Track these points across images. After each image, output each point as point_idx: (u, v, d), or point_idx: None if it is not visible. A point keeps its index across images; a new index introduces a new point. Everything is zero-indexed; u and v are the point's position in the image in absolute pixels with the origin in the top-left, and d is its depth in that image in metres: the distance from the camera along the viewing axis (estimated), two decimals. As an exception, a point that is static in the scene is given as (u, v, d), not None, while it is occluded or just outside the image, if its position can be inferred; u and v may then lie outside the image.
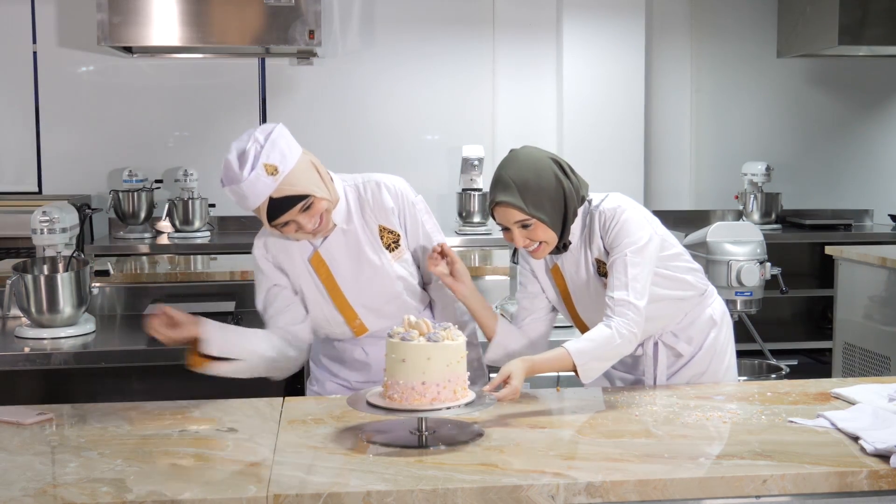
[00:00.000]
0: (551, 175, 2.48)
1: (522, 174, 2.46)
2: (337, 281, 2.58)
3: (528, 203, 2.45)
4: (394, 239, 2.61)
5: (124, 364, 3.22)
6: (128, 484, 1.88)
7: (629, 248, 2.46)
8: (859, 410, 2.27)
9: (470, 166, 5.84)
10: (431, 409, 2.09)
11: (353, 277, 2.59)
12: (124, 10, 5.25)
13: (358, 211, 2.60)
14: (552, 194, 2.48)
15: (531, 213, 2.46)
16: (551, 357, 2.41)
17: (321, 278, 2.58)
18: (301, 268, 2.60)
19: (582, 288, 2.62)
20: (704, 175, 6.48)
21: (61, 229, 3.38)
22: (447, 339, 2.12)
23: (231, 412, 2.38)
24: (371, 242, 2.60)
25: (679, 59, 6.36)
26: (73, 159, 5.90)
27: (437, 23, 6.11)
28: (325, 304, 2.61)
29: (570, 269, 2.62)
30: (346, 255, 2.58)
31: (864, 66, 6.47)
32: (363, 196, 2.61)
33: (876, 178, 6.59)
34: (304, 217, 2.43)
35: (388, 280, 2.60)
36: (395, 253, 2.62)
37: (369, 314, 2.62)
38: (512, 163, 2.51)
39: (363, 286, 2.59)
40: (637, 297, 2.43)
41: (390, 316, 2.60)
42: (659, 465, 1.98)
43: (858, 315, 4.62)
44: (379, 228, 2.60)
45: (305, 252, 2.59)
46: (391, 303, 2.63)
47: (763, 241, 3.26)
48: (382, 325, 2.61)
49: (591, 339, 2.42)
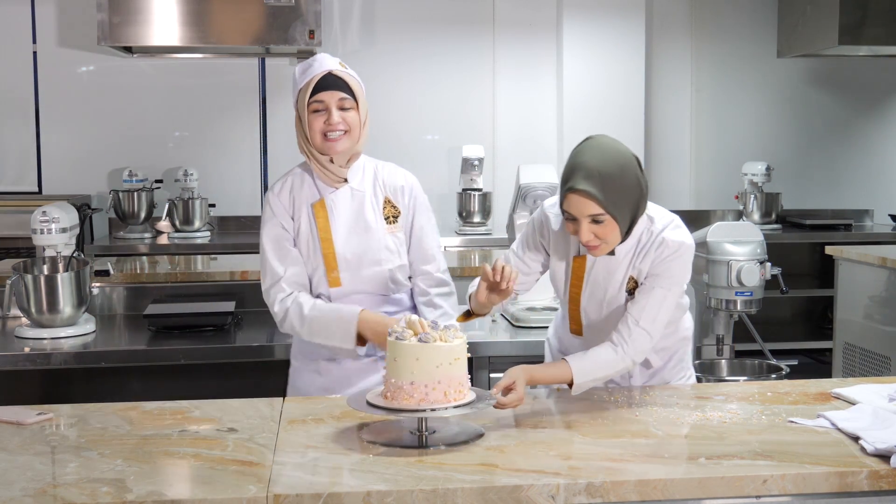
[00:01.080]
0: (634, 174, 2.39)
1: (607, 166, 2.35)
2: (331, 229, 2.73)
3: (608, 198, 2.35)
4: (394, 213, 2.78)
5: (124, 364, 3.22)
6: (128, 484, 1.88)
7: (673, 287, 2.48)
8: (859, 410, 2.27)
9: (470, 166, 5.84)
10: (428, 409, 2.09)
11: (346, 230, 2.74)
12: (124, 10, 5.25)
13: (371, 179, 2.79)
14: (631, 194, 2.38)
15: (608, 210, 2.36)
16: (553, 372, 2.44)
17: (318, 223, 2.73)
18: (304, 210, 2.75)
19: (600, 292, 2.56)
20: (704, 175, 6.49)
21: (61, 229, 3.38)
22: (439, 340, 2.11)
23: (231, 412, 2.38)
24: (373, 207, 2.76)
25: (679, 59, 6.36)
26: (73, 159, 5.91)
27: (437, 23, 6.11)
28: (314, 249, 2.73)
29: (600, 270, 2.54)
30: (347, 210, 2.75)
31: (865, 66, 6.47)
32: (379, 170, 2.82)
33: (876, 178, 6.59)
34: (339, 113, 2.66)
35: (375, 244, 2.74)
36: (391, 226, 2.77)
37: (348, 269, 2.73)
38: (595, 151, 2.39)
39: (352, 241, 2.73)
40: (657, 332, 2.47)
41: (365, 281, 2.74)
42: (659, 465, 1.98)
43: (859, 315, 4.62)
44: (384, 200, 2.78)
45: (312, 197, 2.75)
46: (370, 268, 2.74)
47: (763, 241, 3.26)
48: (355, 288, 2.74)
49: (596, 361, 2.43)
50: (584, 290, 2.59)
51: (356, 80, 2.72)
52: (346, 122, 2.67)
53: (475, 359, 3.21)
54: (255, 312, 3.72)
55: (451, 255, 5.18)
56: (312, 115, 2.66)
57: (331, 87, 2.66)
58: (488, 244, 5.49)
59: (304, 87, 2.67)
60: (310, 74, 2.67)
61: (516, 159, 5.59)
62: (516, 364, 3.11)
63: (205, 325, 3.48)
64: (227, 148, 6.04)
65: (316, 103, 2.66)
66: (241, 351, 3.31)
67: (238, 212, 5.99)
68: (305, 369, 2.83)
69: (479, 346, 3.23)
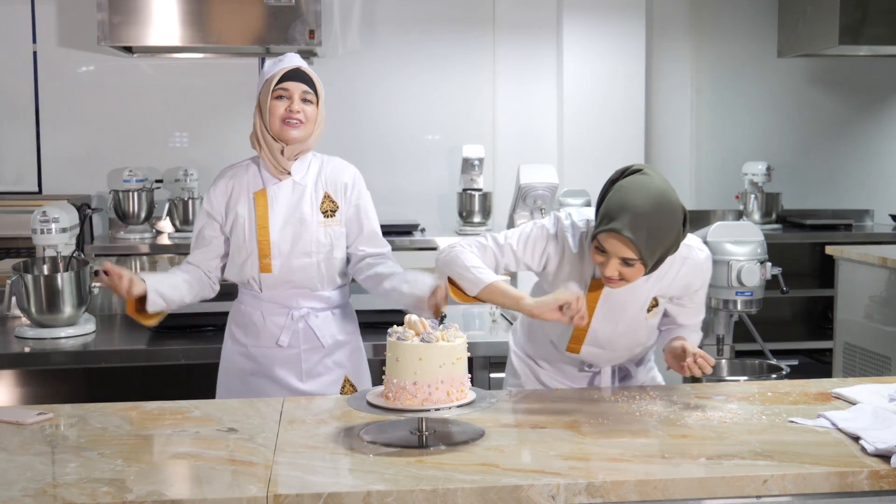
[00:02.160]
0: (677, 230, 2.38)
1: (657, 217, 2.33)
2: (268, 217, 2.84)
3: (648, 247, 2.33)
4: (332, 208, 2.89)
5: (124, 364, 3.22)
6: (128, 484, 1.88)
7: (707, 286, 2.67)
8: (860, 410, 2.27)
9: (470, 166, 5.84)
10: (431, 409, 2.09)
11: (282, 221, 2.85)
12: (124, 9, 5.25)
13: (315, 174, 2.91)
14: (669, 243, 2.38)
15: (643, 257, 2.35)
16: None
17: (257, 212, 2.85)
18: (245, 199, 2.87)
19: (618, 312, 2.57)
20: (705, 175, 6.48)
21: (61, 229, 3.38)
22: (441, 340, 2.11)
23: (231, 412, 2.38)
24: (311, 202, 2.87)
25: (679, 59, 6.35)
26: (73, 159, 5.90)
27: (437, 23, 6.11)
28: (250, 235, 2.84)
29: (619, 293, 2.54)
30: (286, 202, 2.86)
31: (865, 65, 6.47)
32: (324, 166, 2.93)
33: (876, 178, 6.58)
34: (301, 104, 2.80)
35: (308, 235, 2.85)
36: (327, 219, 2.88)
37: (279, 257, 2.84)
38: (648, 196, 2.34)
39: (286, 231, 2.84)
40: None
41: (294, 270, 2.85)
42: (659, 465, 1.98)
43: (859, 315, 4.62)
44: (324, 194, 2.89)
45: (255, 186, 2.88)
46: (300, 258, 2.85)
47: (763, 241, 3.26)
48: (284, 277, 2.85)
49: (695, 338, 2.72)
50: (598, 312, 2.58)
51: (319, 81, 2.87)
52: (305, 114, 2.81)
53: (475, 359, 3.22)
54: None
55: (451, 255, 5.17)
56: (275, 101, 2.80)
57: (297, 78, 2.82)
58: (488, 244, 5.48)
59: (271, 77, 2.82)
60: (279, 66, 2.83)
61: (516, 159, 5.59)
62: (516, 364, 3.11)
63: (205, 325, 3.48)
64: (227, 148, 6.02)
65: (281, 90, 2.80)
66: (242, 351, 3.30)
67: (238, 212, 5.98)
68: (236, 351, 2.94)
69: (479, 346, 3.23)
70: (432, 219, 6.01)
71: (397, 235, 5.60)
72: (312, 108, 2.83)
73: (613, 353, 2.68)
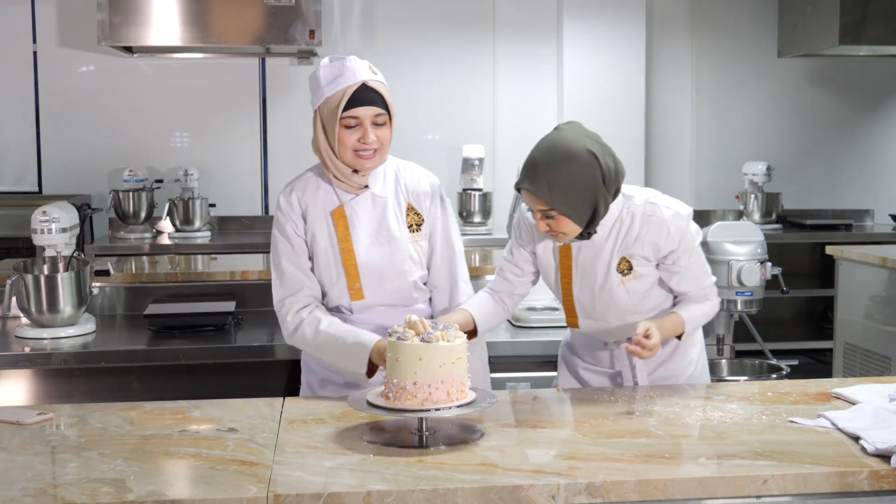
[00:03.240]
0: (585, 168, 2.39)
1: (554, 165, 2.38)
2: (352, 238, 2.58)
3: (554, 197, 2.38)
4: (418, 221, 2.64)
5: (124, 364, 3.22)
6: (128, 484, 1.88)
7: (695, 247, 2.59)
8: (860, 410, 2.27)
9: (470, 166, 5.84)
10: (432, 409, 2.09)
11: (369, 240, 2.59)
12: (124, 9, 5.25)
13: (393, 184, 2.65)
14: (583, 189, 2.40)
15: (555, 207, 2.40)
16: (669, 323, 2.56)
17: (338, 232, 2.58)
18: (321, 218, 2.59)
19: (591, 277, 2.57)
20: (705, 175, 6.48)
21: (61, 229, 3.38)
22: (442, 340, 2.11)
23: (231, 412, 2.38)
24: (396, 215, 2.62)
25: (679, 59, 6.35)
26: (73, 159, 5.90)
27: (437, 23, 6.11)
28: (333, 259, 2.59)
29: (586, 256, 2.56)
30: (368, 218, 2.60)
31: (865, 65, 6.47)
32: (401, 173, 2.67)
33: (876, 178, 6.58)
34: (372, 128, 2.49)
35: (399, 254, 2.61)
36: (414, 235, 2.63)
37: (371, 282, 2.60)
38: (547, 149, 2.42)
39: (375, 252, 2.59)
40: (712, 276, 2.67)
41: (389, 293, 2.62)
42: (659, 465, 1.98)
43: (859, 315, 4.62)
44: (407, 206, 2.64)
45: (331, 204, 2.60)
46: (395, 280, 2.62)
47: (764, 241, 3.26)
48: (378, 301, 2.62)
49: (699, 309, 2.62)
50: (575, 278, 2.60)
51: (387, 88, 2.55)
52: (380, 140, 2.52)
53: (475, 359, 3.21)
54: (256, 312, 3.72)
55: (451, 255, 5.17)
56: (344, 130, 2.49)
57: (367, 102, 2.49)
58: (489, 244, 5.49)
59: (334, 96, 2.49)
60: (342, 84, 2.48)
61: (516, 159, 5.56)
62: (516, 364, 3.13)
63: (205, 325, 3.48)
64: (227, 148, 6.04)
65: (350, 119, 2.49)
66: (241, 351, 3.31)
67: (238, 212, 5.99)
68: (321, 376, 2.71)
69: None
70: (432, 219, 6.01)
71: (397, 235, 5.60)
72: (386, 130, 2.53)
73: (608, 324, 2.63)
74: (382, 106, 2.52)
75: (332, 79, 2.50)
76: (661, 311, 2.63)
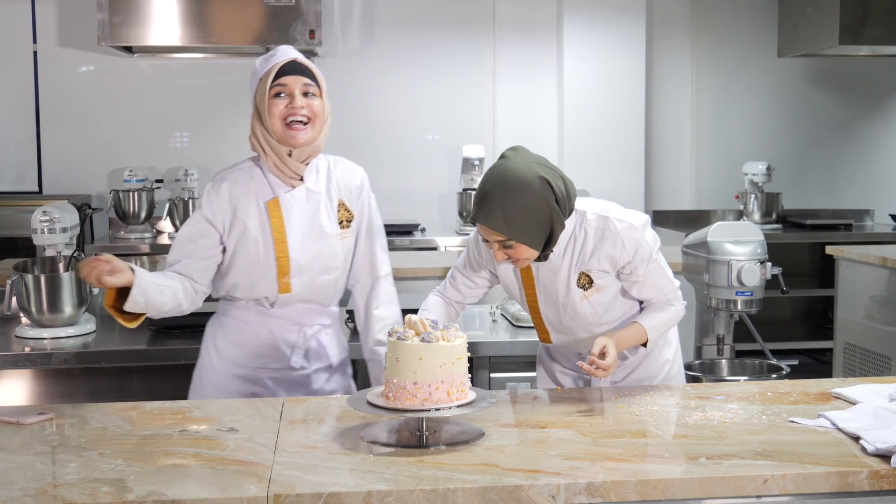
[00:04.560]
0: (539, 199, 2.39)
1: (507, 198, 2.36)
2: (286, 231, 2.60)
3: (510, 227, 2.37)
4: (348, 217, 2.69)
5: (124, 364, 3.22)
6: (128, 484, 1.88)
7: (652, 256, 2.55)
8: (860, 410, 2.27)
9: (470, 166, 5.84)
10: (432, 409, 2.09)
11: (301, 234, 2.62)
12: (124, 9, 5.26)
13: (325, 179, 2.68)
14: (538, 217, 2.39)
15: (513, 237, 2.39)
16: (631, 334, 2.54)
17: (272, 224, 2.60)
18: (254, 208, 2.61)
19: (553, 294, 2.59)
20: (705, 175, 6.49)
21: (61, 229, 3.38)
22: (442, 340, 2.12)
23: (231, 412, 2.38)
24: (328, 211, 2.66)
25: (679, 59, 6.36)
26: (73, 159, 5.91)
27: (437, 23, 6.12)
28: (264, 251, 2.60)
29: (545, 275, 2.58)
30: (302, 212, 2.62)
31: (865, 65, 6.47)
32: (333, 169, 2.70)
33: (876, 178, 6.59)
34: (303, 99, 2.54)
35: (330, 250, 2.65)
36: (344, 231, 2.68)
37: (300, 275, 2.63)
38: (498, 181, 2.40)
39: (306, 245, 2.62)
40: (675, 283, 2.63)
41: (314, 289, 2.66)
42: (659, 465, 1.98)
43: (859, 315, 4.62)
44: (339, 202, 2.68)
45: (265, 195, 2.62)
46: (322, 276, 2.66)
47: (764, 241, 3.25)
48: (303, 296, 2.66)
49: (660, 319, 2.58)
50: (539, 297, 2.62)
51: (319, 72, 2.61)
52: (311, 109, 2.55)
53: (475, 358, 3.22)
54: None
55: (451, 255, 5.18)
56: (273, 99, 2.54)
57: (295, 71, 2.56)
58: (488, 244, 5.48)
59: (265, 73, 2.57)
60: (272, 61, 2.57)
61: (516, 159, 5.58)
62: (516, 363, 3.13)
63: (205, 325, 3.47)
64: (227, 148, 6.03)
65: (279, 86, 2.54)
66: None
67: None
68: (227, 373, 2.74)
69: (480, 346, 3.23)
70: (432, 218, 6.02)
71: (398, 235, 5.61)
72: (317, 101, 2.56)
73: (577, 337, 2.64)
74: (312, 79, 2.57)
75: (264, 61, 2.60)
76: (628, 319, 2.63)
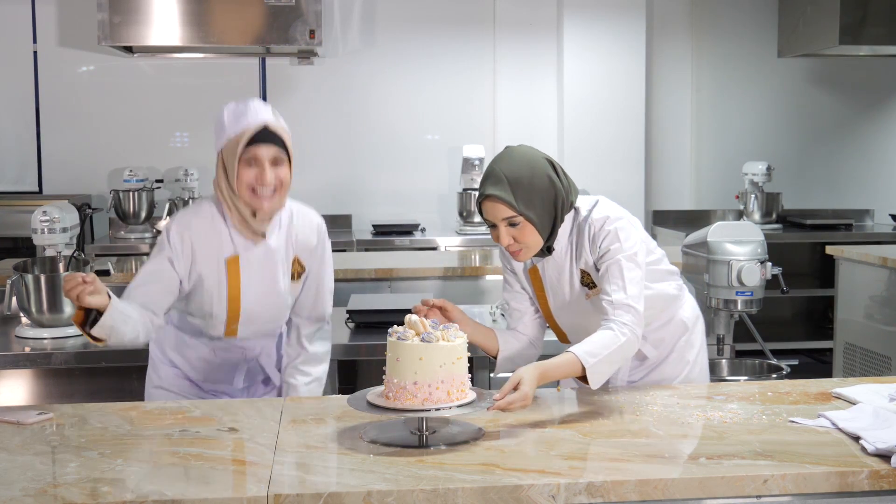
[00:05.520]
0: (545, 175, 2.45)
1: (516, 170, 2.43)
2: (240, 287, 2.63)
3: (518, 200, 2.41)
4: (300, 271, 2.72)
5: (124, 364, 3.22)
6: (128, 484, 1.88)
7: (622, 253, 2.44)
8: (860, 410, 2.27)
9: (470, 166, 5.85)
10: (432, 409, 2.09)
11: (256, 292, 2.65)
12: (124, 9, 5.26)
13: (285, 235, 2.68)
14: (544, 194, 2.44)
15: (521, 211, 2.41)
16: (561, 363, 2.33)
17: (229, 281, 2.62)
18: (213, 262, 2.60)
19: (561, 295, 2.60)
20: (705, 175, 6.49)
21: (61, 229, 3.38)
22: (442, 340, 2.12)
23: (231, 412, 2.38)
24: (283, 269, 2.68)
25: (679, 59, 6.36)
26: (73, 159, 5.91)
27: (437, 23, 6.12)
28: (217, 300, 2.63)
29: (551, 274, 2.59)
30: (260, 271, 2.64)
31: (865, 65, 6.47)
32: (293, 223, 2.70)
33: (876, 178, 6.59)
34: (272, 169, 2.52)
35: (281, 304, 2.71)
36: (295, 283, 2.72)
37: (248, 324, 2.69)
38: (505, 158, 2.46)
39: (259, 302, 2.67)
40: (634, 299, 2.41)
41: (259, 333, 2.74)
42: (659, 465, 1.98)
43: (859, 315, 4.62)
44: (294, 258, 2.70)
45: (226, 251, 2.61)
46: (269, 323, 2.74)
47: (764, 241, 3.26)
48: (249, 336, 2.73)
49: (596, 343, 2.36)
50: (549, 298, 2.63)
51: (288, 133, 2.58)
52: (279, 179, 2.54)
53: (475, 359, 3.21)
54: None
55: (451, 255, 5.18)
56: (244, 167, 2.52)
57: (266, 139, 2.53)
58: (488, 244, 5.49)
59: (235, 137, 2.53)
60: (244, 124, 2.53)
61: (516, 159, 5.59)
62: (516, 364, 3.11)
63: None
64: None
65: (249, 157, 2.52)
66: (242, 351, 3.30)
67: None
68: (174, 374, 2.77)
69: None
70: (432, 218, 6.02)
71: (398, 235, 5.61)
72: (285, 170, 2.55)
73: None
74: (282, 147, 2.55)
75: (235, 119, 2.56)
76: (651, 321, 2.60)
